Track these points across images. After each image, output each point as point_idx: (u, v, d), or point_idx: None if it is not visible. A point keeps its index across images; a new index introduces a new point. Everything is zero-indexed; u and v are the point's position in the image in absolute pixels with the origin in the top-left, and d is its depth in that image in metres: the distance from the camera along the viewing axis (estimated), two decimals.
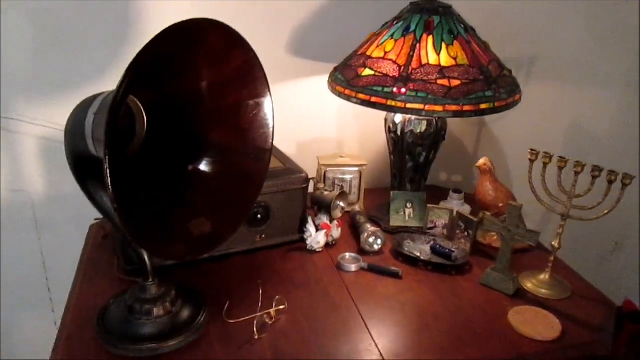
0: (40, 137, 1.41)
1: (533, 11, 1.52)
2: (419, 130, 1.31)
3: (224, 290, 1.15)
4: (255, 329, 1.01)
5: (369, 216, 1.42)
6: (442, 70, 1.16)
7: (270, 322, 1.04)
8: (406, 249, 1.30)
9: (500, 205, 1.34)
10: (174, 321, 1.01)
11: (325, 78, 1.55)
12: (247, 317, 1.04)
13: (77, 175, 0.98)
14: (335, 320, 1.07)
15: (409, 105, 1.14)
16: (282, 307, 1.08)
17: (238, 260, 1.26)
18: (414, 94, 1.14)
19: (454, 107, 1.14)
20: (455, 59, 1.17)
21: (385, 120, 1.38)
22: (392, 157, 1.41)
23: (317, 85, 1.55)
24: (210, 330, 1.02)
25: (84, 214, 1.47)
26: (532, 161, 1.18)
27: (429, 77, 1.15)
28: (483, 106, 1.15)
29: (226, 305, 1.05)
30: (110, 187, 0.71)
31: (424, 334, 1.04)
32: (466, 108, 1.14)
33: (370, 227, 1.32)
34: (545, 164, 1.16)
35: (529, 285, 1.20)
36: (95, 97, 0.92)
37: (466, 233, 1.32)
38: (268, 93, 0.96)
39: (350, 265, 1.24)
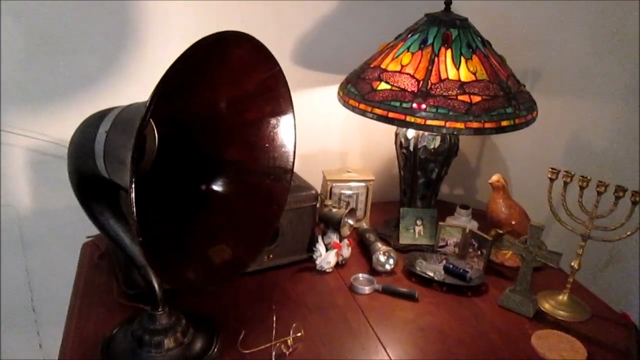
0: (29, 149, 1.32)
1: (535, 23, 1.50)
2: (432, 146, 1.27)
3: (234, 315, 1.08)
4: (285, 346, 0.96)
5: (377, 233, 1.37)
6: (462, 86, 1.12)
7: (287, 352, 0.98)
8: (418, 269, 1.25)
9: (513, 223, 1.31)
10: (186, 353, 0.94)
11: (330, 89, 1.50)
12: (263, 347, 0.98)
13: (80, 195, 0.91)
14: (354, 348, 1.02)
15: (429, 122, 1.10)
16: (299, 334, 1.02)
17: (246, 281, 1.19)
18: (434, 110, 1.10)
19: (475, 124, 1.10)
20: (474, 73, 1.14)
21: (396, 135, 1.34)
22: (402, 172, 1.36)
23: (321, 97, 1.50)
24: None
25: (73, 232, 1.40)
26: (552, 180, 1.15)
27: (449, 92, 1.11)
28: (504, 123, 1.12)
29: (241, 335, 0.99)
30: (136, 217, 0.64)
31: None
32: (487, 125, 1.11)
33: (381, 246, 1.27)
34: (566, 183, 1.13)
35: (546, 306, 1.17)
36: (104, 112, 0.85)
37: (479, 252, 1.28)
38: (291, 110, 0.90)
39: (364, 287, 1.18)
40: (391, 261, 1.26)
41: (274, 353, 0.96)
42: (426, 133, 1.27)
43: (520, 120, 1.15)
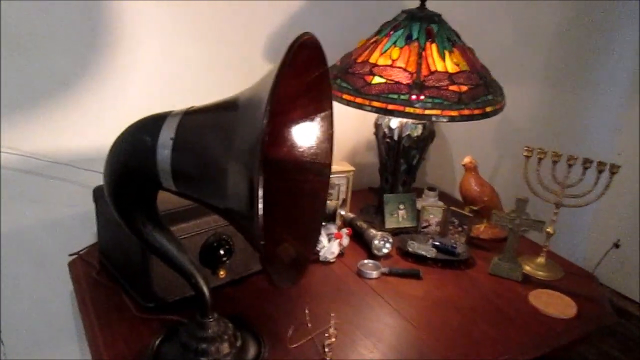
0: None
1: (472, 18, 1.65)
2: (415, 134, 1.36)
3: (259, 314, 1.09)
4: (325, 349, 0.98)
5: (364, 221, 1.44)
6: (450, 77, 1.22)
7: (330, 341, 1.02)
8: (411, 249, 1.34)
9: (485, 199, 1.44)
10: (242, 356, 0.94)
11: None
12: (307, 339, 1.01)
13: (122, 209, 0.87)
14: (385, 328, 1.08)
15: (427, 112, 1.18)
16: (332, 324, 1.06)
17: (258, 280, 1.20)
18: (430, 100, 1.19)
19: (466, 112, 1.20)
20: (458, 65, 1.24)
21: (378, 125, 1.41)
22: (384, 160, 1.44)
23: None
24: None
25: (45, 252, 1.30)
26: (527, 157, 1.29)
27: (441, 83, 1.20)
28: (488, 109, 1.24)
29: (290, 331, 1.01)
30: (262, 244, 0.64)
31: (471, 327, 1.09)
32: (476, 112, 1.22)
33: (376, 232, 1.34)
34: (540, 159, 1.29)
35: (527, 268, 1.32)
36: (155, 119, 0.81)
37: (460, 228, 1.40)
38: (331, 106, 0.93)
39: (371, 272, 1.25)
40: (388, 245, 1.33)
41: (326, 343, 0.99)
42: (410, 122, 1.35)
43: (499, 105, 1.28)
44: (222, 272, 1.12)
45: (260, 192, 0.64)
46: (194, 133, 0.76)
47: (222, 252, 1.11)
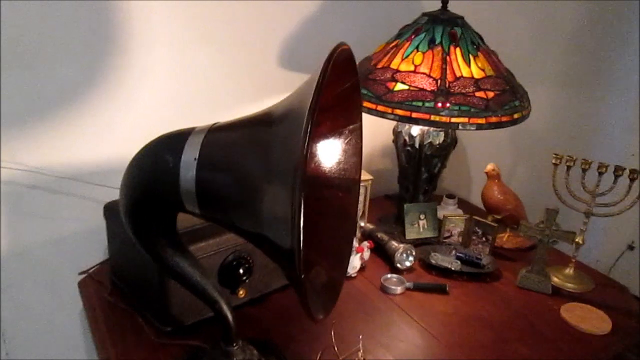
0: None
1: (490, 21, 1.60)
2: (437, 142, 1.31)
3: (281, 335, 1.04)
4: None
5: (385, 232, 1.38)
6: (476, 83, 1.16)
7: None
8: (434, 262, 1.29)
9: (509, 207, 1.39)
10: None
11: None
12: None
13: (140, 233, 0.81)
14: (419, 350, 1.03)
15: (453, 120, 1.13)
16: (360, 346, 1.00)
17: (277, 298, 1.14)
18: (457, 108, 1.13)
19: (494, 119, 1.15)
20: (483, 70, 1.19)
21: (398, 133, 1.35)
22: (403, 169, 1.39)
23: None
24: None
25: (51, 270, 1.24)
26: (556, 165, 1.24)
27: (467, 89, 1.15)
28: (516, 116, 1.19)
29: (319, 355, 0.96)
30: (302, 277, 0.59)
31: (504, 346, 1.04)
32: (504, 119, 1.16)
33: (398, 245, 1.28)
34: (569, 167, 1.23)
35: (555, 279, 1.26)
36: (176, 138, 0.75)
37: (484, 238, 1.35)
38: (360, 119, 0.88)
39: (396, 287, 1.19)
40: (411, 258, 1.28)
41: None
42: (431, 129, 1.30)
43: (526, 111, 1.23)
44: (241, 292, 1.07)
45: (302, 220, 0.58)
46: (222, 152, 0.70)
47: (241, 271, 1.05)
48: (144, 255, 0.96)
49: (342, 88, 0.81)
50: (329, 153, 0.87)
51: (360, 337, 1.00)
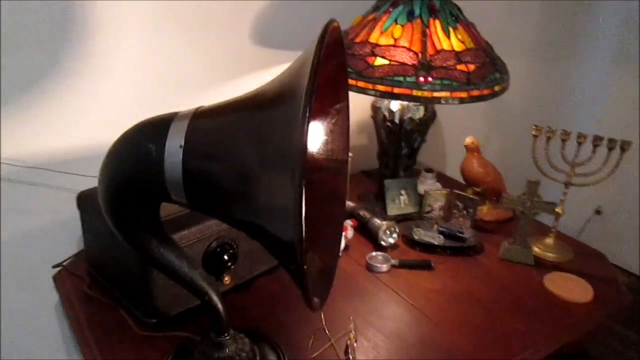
0: None
1: None
2: (417, 117, 1.29)
3: (272, 322, 1.02)
4: (351, 356, 0.92)
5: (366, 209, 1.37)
6: (457, 55, 1.14)
7: (352, 347, 0.95)
8: (417, 237, 1.28)
9: (489, 180, 1.39)
10: None
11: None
12: (327, 346, 0.95)
13: (122, 225, 0.77)
14: (409, 328, 1.02)
15: (436, 94, 1.11)
16: (352, 327, 0.99)
17: (262, 283, 1.12)
18: (439, 82, 1.11)
19: (476, 93, 1.14)
20: (463, 42, 1.17)
21: (377, 108, 1.33)
22: (384, 145, 1.37)
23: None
24: None
25: (25, 265, 1.18)
26: (535, 136, 1.24)
27: (448, 63, 1.13)
28: (497, 88, 1.18)
29: (310, 341, 0.94)
30: (304, 239, 0.56)
31: (495, 321, 1.05)
32: (485, 92, 1.15)
33: (381, 222, 1.27)
34: (548, 138, 1.24)
35: (536, 250, 1.28)
36: (158, 125, 0.71)
37: (465, 212, 1.35)
38: (347, 98, 0.84)
39: (381, 265, 1.18)
40: (395, 235, 1.27)
41: (348, 348, 0.93)
42: (411, 104, 1.28)
43: (506, 84, 1.22)
44: (227, 279, 1.04)
45: (303, 211, 0.56)
46: (211, 139, 0.66)
47: (226, 257, 1.03)
48: (123, 245, 0.92)
49: (330, 67, 0.78)
50: (317, 134, 0.83)
51: (351, 318, 0.99)
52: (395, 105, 1.29)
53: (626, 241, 2.04)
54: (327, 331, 0.99)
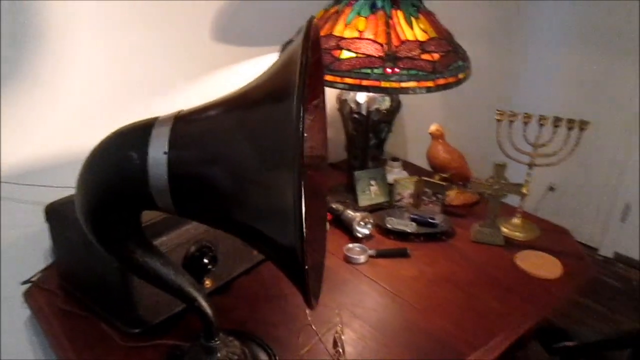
0: None
1: None
2: (384, 108, 1.30)
3: (259, 321, 1.01)
4: (340, 349, 0.93)
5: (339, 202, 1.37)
6: (421, 45, 1.16)
7: (340, 340, 0.96)
8: (390, 226, 1.30)
9: (455, 165, 1.42)
10: None
11: (254, 61, 1.42)
12: (315, 341, 0.96)
13: (104, 236, 0.74)
14: (394, 317, 1.04)
15: (404, 85, 1.12)
16: (338, 321, 1.00)
17: (242, 283, 1.11)
18: (406, 72, 1.13)
19: (442, 81, 1.16)
20: (426, 32, 1.19)
21: (343, 101, 1.33)
22: (352, 137, 1.37)
23: (249, 70, 1.41)
24: None
25: None
26: (499, 121, 1.28)
27: (413, 53, 1.15)
28: (461, 76, 1.20)
29: (300, 337, 0.94)
30: (305, 239, 0.56)
31: (474, 303, 1.08)
32: (450, 80, 1.17)
33: (355, 214, 1.28)
34: (511, 122, 1.27)
35: (505, 230, 1.32)
36: (137, 132, 0.69)
37: (434, 198, 1.38)
38: (323, 93, 0.84)
39: (359, 256, 1.19)
40: (369, 225, 1.28)
41: (337, 342, 0.94)
42: (377, 95, 1.29)
43: (469, 71, 1.24)
44: (207, 282, 1.03)
45: (303, 208, 0.56)
46: (199, 142, 0.64)
47: (206, 260, 1.01)
48: (100, 256, 0.90)
49: (311, 63, 0.77)
50: None
51: (337, 311, 1.00)
52: (362, 97, 1.30)
53: (579, 215, 2.13)
54: (313, 326, 0.99)
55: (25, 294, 1.08)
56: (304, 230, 0.56)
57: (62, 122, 1.12)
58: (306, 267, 0.59)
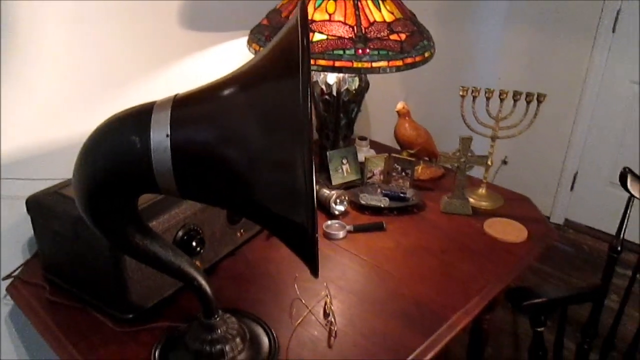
0: None
1: None
2: (353, 88, 1.35)
3: (250, 299, 1.04)
4: (332, 318, 0.97)
5: None
6: (389, 26, 1.20)
7: (330, 311, 1.01)
8: (364, 202, 1.35)
9: (421, 141, 1.49)
10: (256, 347, 0.90)
11: (222, 47, 1.43)
12: (306, 314, 1.00)
13: (104, 223, 0.76)
14: (377, 287, 1.09)
15: (375, 65, 1.17)
16: (326, 293, 1.04)
17: (228, 265, 1.14)
18: (376, 52, 1.17)
19: (410, 60, 1.21)
20: (392, 13, 1.23)
21: (313, 83, 1.36)
22: (323, 118, 1.41)
23: (217, 56, 1.41)
24: (290, 339, 0.94)
25: None
26: (463, 97, 1.34)
27: (382, 34, 1.19)
28: (427, 55, 1.25)
29: (293, 310, 0.98)
30: (315, 211, 0.60)
31: (449, 268, 1.15)
32: (417, 59, 1.22)
33: (330, 192, 1.32)
34: (474, 97, 1.34)
35: (471, 200, 1.40)
36: (137, 116, 0.70)
37: (403, 173, 1.44)
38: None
39: (338, 232, 1.24)
40: (345, 202, 1.33)
41: (327, 313, 0.98)
42: (347, 76, 1.33)
43: (434, 50, 1.30)
44: (197, 264, 1.05)
45: (314, 190, 0.59)
46: (199, 124, 0.67)
47: (194, 243, 1.03)
48: (90, 245, 0.91)
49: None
50: None
51: (326, 284, 1.04)
52: (332, 78, 1.33)
53: (531, 186, 2.25)
54: (302, 300, 1.03)
55: (9, 289, 1.07)
56: (315, 200, 0.59)
57: (33, 116, 1.10)
58: (316, 236, 0.62)
